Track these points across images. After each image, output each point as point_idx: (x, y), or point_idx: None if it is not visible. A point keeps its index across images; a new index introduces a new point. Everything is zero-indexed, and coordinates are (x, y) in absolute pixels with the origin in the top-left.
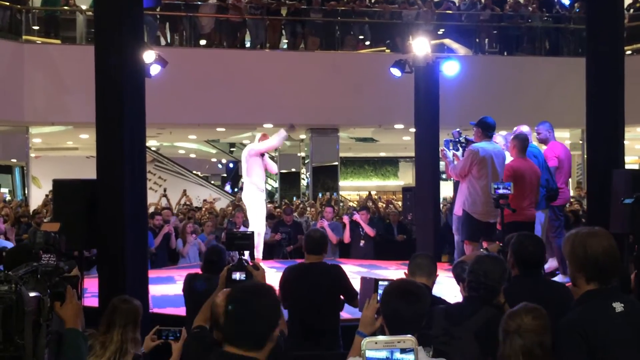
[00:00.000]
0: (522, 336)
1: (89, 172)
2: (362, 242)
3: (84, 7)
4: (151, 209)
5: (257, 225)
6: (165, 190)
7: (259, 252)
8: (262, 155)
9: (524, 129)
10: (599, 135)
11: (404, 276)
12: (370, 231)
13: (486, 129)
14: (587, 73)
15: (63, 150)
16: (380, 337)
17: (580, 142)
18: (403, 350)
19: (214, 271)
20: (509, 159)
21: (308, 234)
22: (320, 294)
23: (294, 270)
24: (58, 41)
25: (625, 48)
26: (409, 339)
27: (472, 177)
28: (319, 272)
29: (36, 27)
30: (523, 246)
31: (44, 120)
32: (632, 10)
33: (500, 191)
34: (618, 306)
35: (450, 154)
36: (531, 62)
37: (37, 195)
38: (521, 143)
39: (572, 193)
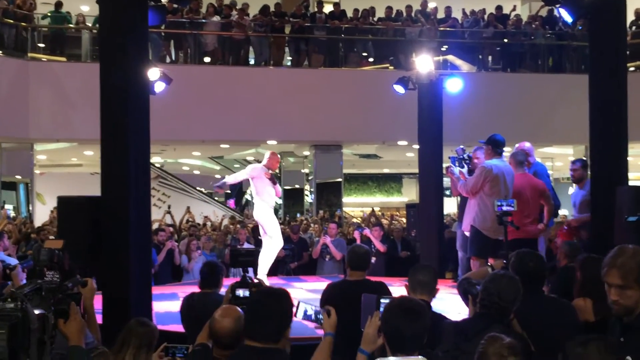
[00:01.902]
0: None
1: (93, 188)
2: (373, 259)
3: (89, 24)
4: (155, 226)
5: (278, 239)
6: (169, 207)
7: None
8: (272, 178)
9: (526, 145)
10: (603, 152)
11: (405, 292)
12: (381, 247)
13: (496, 146)
14: (590, 90)
15: (67, 167)
16: (392, 359)
17: (584, 158)
18: None
19: (210, 286)
20: None
21: (352, 250)
22: None
23: (337, 287)
24: (63, 59)
25: (628, 65)
26: None
27: (483, 194)
28: (363, 289)
29: (42, 45)
30: (523, 263)
31: (48, 137)
32: (634, 28)
33: (504, 208)
34: None
35: (457, 170)
36: (534, 79)
37: (42, 212)
38: (514, 159)
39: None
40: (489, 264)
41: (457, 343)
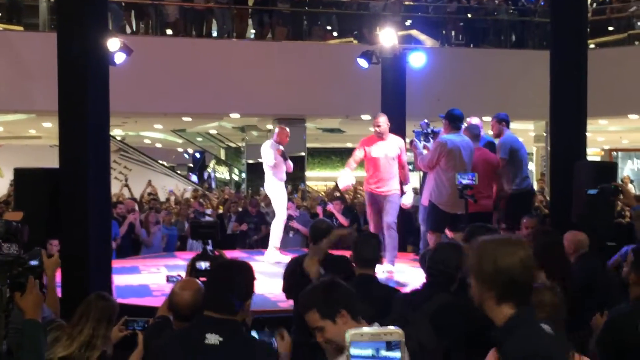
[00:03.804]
0: (543, 310)
1: (52, 161)
2: None
3: None
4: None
5: (281, 213)
6: (127, 180)
7: (278, 240)
8: (283, 154)
9: (474, 120)
10: (562, 128)
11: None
12: (344, 221)
13: (453, 121)
14: (551, 66)
15: (25, 139)
16: (366, 329)
17: (544, 134)
18: (389, 346)
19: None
20: None
21: (314, 225)
22: None
23: (299, 262)
24: (20, 28)
25: (588, 42)
26: (395, 332)
27: (439, 169)
28: (325, 263)
29: None
30: (472, 237)
31: (5, 108)
32: (595, 5)
33: (464, 182)
34: (547, 329)
35: (420, 145)
36: (497, 54)
37: None
38: (468, 132)
39: (536, 186)
40: (449, 237)
41: (402, 313)
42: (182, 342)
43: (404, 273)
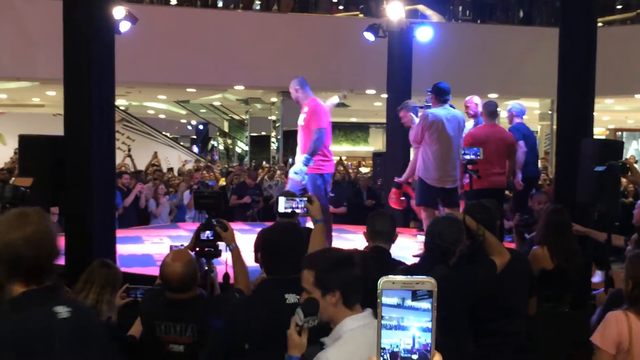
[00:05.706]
0: None
1: (56, 130)
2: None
3: None
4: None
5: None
6: (129, 150)
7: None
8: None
9: (476, 100)
10: (569, 106)
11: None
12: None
13: (439, 95)
14: (559, 43)
15: (29, 107)
16: (399, 277)
17: (550, 112)
18: (414, 296)
19: None
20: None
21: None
22: None
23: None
24: None
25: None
26: (428, 281)
27: (425, 143)
28: None
29: None
30: (471, 215)
31: (9, 75)
32: None
33: (468, 157)
34: (63, 311)
35: (416, 120)
36: (504, 30)
37: (1, 153)
38: (485, 109)
39: (540, 165)
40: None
41: None
42: (264, 305)
43: (408, 249)
